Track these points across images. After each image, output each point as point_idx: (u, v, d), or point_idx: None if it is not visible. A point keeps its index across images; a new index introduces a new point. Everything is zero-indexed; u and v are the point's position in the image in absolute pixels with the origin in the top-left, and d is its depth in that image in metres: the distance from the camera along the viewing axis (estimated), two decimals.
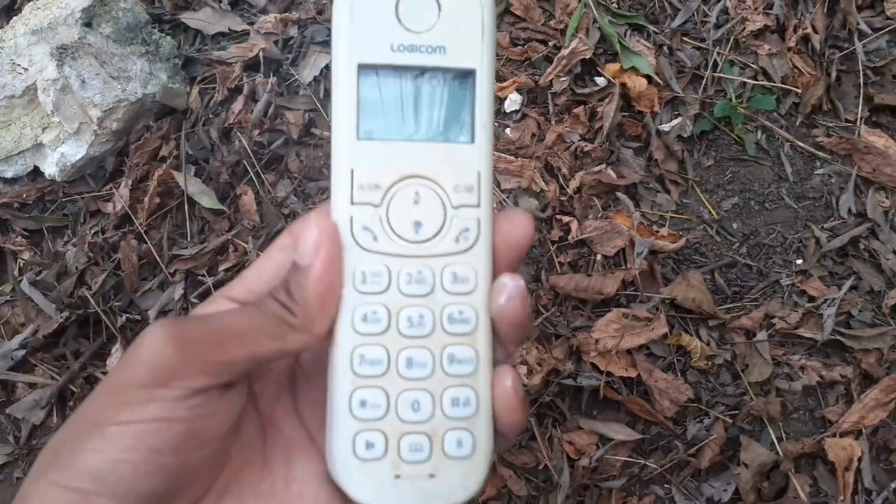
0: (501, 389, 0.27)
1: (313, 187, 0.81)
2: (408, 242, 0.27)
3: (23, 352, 0.77)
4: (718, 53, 0.84)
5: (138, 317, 0.77)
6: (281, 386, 0.30)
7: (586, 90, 0.83)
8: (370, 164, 0.26)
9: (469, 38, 0.26)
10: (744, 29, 0.84)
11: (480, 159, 0.27)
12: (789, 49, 0.83)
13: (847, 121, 0.82)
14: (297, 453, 0.28)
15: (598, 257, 0.76)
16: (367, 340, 0.26)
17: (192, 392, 0.25)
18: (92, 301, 0.77)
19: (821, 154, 0.81)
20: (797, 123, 0.82)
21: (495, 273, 0.27)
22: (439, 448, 0.26)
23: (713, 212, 0.79)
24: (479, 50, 0.26)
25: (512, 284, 0.27)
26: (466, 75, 0.27)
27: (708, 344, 0.73)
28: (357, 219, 0.26)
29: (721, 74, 0.83)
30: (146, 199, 0.79)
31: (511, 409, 0.27)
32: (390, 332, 0.26)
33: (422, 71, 0.27)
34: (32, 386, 0.76)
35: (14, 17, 0.86)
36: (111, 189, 0.82)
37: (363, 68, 0.26)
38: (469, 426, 0.26)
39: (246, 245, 0.78)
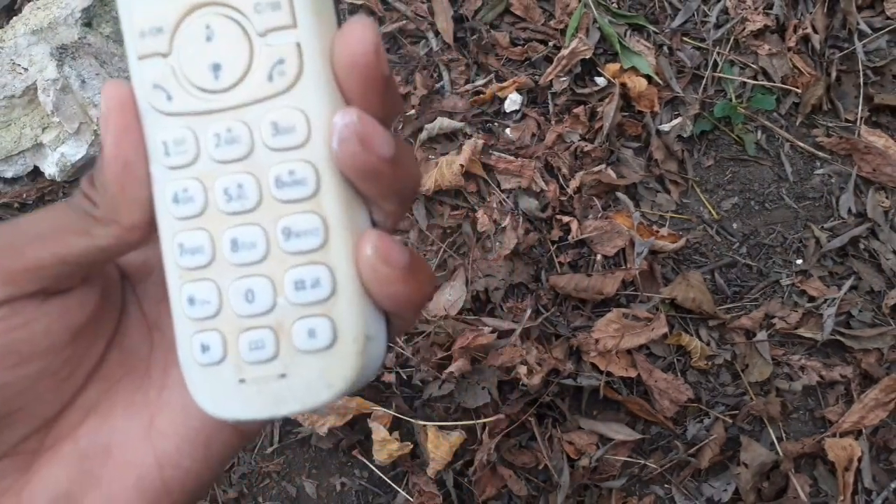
0: (363, 260, 0.21)
1: None
2: (209, 93, 0.21)
3: None
4: (718, 53, 0.84)
5: None
6: (164, 285, 0.24)
7: (586, 90, 0.83)
8: (149, 3, 0.21)
9: None
10: (744, 29, 0.84)
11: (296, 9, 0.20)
12: (789, 49, 0.83)
13: (847, 121, 0.82)
14: (175, 357, 0.23)
15: (598, 257, 0.76)
16: (184, 225, 0.21)
17: None
18: None
19: (821, 154, 0.81)
20: (797, 123, 0.82)
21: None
22: (287, 342, 0.21)
23: (713, 212, 0.79)
24: None
25: (341, 123, 0.20)
26: None
27: (708, 344, 0.73)
28: (146, 76, 0.21)
29: (721, 74, 0.83)
30: None
31: (381, 280, 0.21)
32: (208, 211, 0.21)
33: None
34: None
35: (14, 17, 0.86)
36: None
37: None
38: (325, 311, 0.21)
39: None
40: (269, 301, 0.21)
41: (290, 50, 0.20)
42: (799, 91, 0.82)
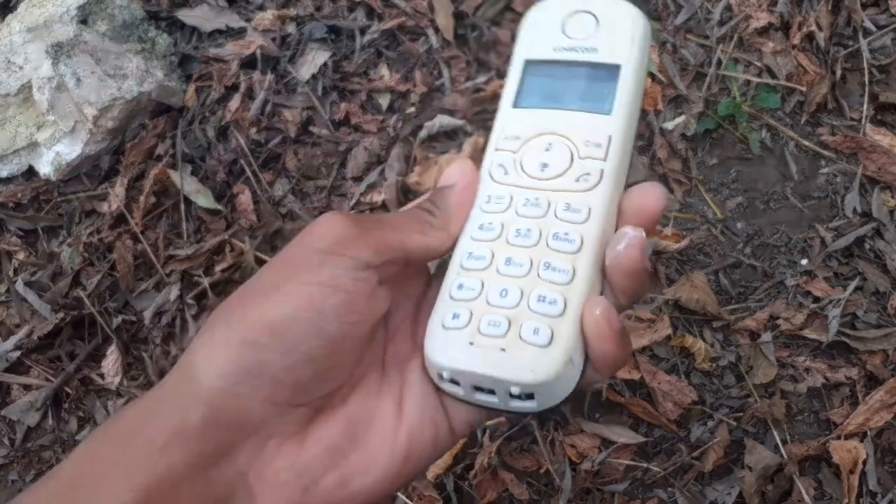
0: (590, 315, 0.28)
1: (311, 186, 0.81)
2: (532, 178, 0.32)
3: (17, 353, 0.76)
4: (722, 51, 0.83)
5: (133, 318, 0.76)
6: (408, 316, 0.33)
7: None
8: (516, 124, 0.33)
9: (619, 43, 0.32)
10: (748, 26, 0.83)
11: (614, 126, 0.32)
12: (794, 47, 0.83)
13: (852, 119, 0.81)
14: (409, 366, 0.31)
15: None
16: (478, 244, 0.31)
17: (359, 264, 0.28)
18: (87, 302, 0.76)
19: (826, 153, 0.80)
20: (802, 122, 0.81)
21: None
22: (516, 330, 0.28)
23: (717, 211, 0.78)
24: (627, 51, 0.32)
25: (633, 233, 0.29)
26: (613, 68, 0.32)
27: (712, 345, 0.73)
28: (495, 160, 0.32)
29: (725, 72, 0.82)
30: (142, 198, 0.78)
31: (599, 336, 0.28)
32: (500, 240, 0.31)
33: (575, 64, 0.33)
34: (27, 388, 0.76)
35: (9, 15, 0.85)
36: (106, 188, 0.81)
37: (529, 63, 0.34)
38: (551, 323, 0.28)
39: (242, 245, 0.77)
40: (515, 301, 0.29)
41: (596, 171, 0.31)
42: (804, 89, 0.81)
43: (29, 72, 0.79)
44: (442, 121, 0.80)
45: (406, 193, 0.79)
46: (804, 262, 0.76)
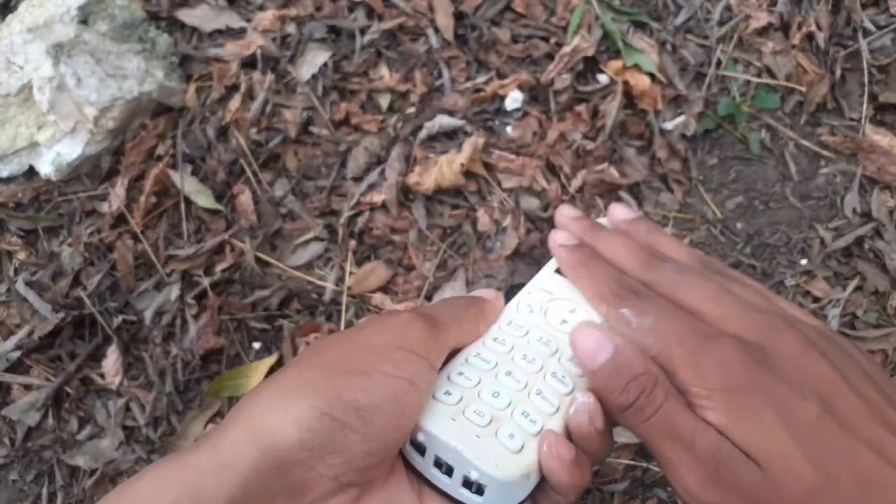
0: (540, 448, 0.31)
1: (311, 186, 0.81)
2: (550, 325, 0.36)
3: (18, 353, 0.76)
4: (722, 51, 0.83)
5: (134, 318, 0.76)
6: None
7: (588, 88, 0.82)
8: (554, 285, 0.38)
9: None
10: (747, 26, 0.83)
11: None
12: (793, 47, 0.83)
13: (852, 119, 0.81)
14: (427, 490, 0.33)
15: None
16: (488, 351, 0.34)
17: (433, 368, 0.30)
18: (87, 302, 0.76)
19: (825, 153, 0.80)
20: (801, 122, 0.81)
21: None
22: (495, 427, 0.31)
23: (717, 211, 0.78)
24: None
25: (581, 401, 0.32)
26: None
27: None
28: (526, 300, 0.37)
29: (725, 72, 0.82)
30: (142, 198, 0.79)
31: (551, 469, 0.31)
32: (508, 355, 0.34)
33: None
34: (28, 387, 0.76)
35: (10, 15, 0.85)
36: (107, 188, 0.81)
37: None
38: (524, 437, 0.31)
39: (243, 245, 0.77)
40: (503, 406, 0.32)
41: None
42: (803, 89, 0.81)
43: (29, 72, 0.79)
44: (442, 121, 0.80)
45: (406, 193, 0.79)
46: (804, 262, 0.76)
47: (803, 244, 0.77)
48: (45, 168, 0.81)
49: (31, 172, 0.83)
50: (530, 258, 0.75)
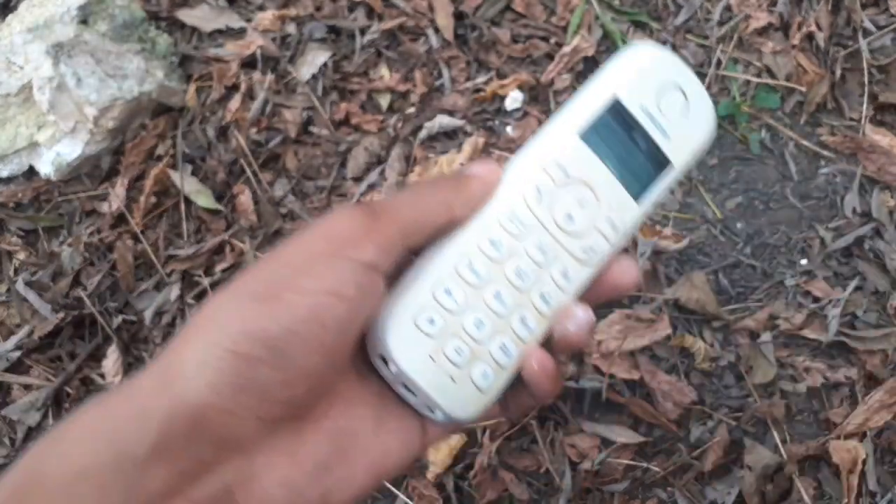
0: (531, 368, 0.31)
1: (311, 186, 0.81)
2: (556, 224, 0.32)
3: (18, 353, 0.76)
4: (722, 51, 0.83)
5: (134, 318, 0.76)
6: None
7: None
8: (573, 158, 0.32)
9: (686, 146, 0.33)
10: (747, 26, 0.83)
11: (635, 216, 0.33)
12: (794, 47, 0.83)
13: (852, 119, 0.81)
14: (389, 392, 0.31)
15: None
16: (482, 260, 0.30)
17: (364, 268, 0.26)
18: (87, 302, 0.76)
19: (825, 153, 0.80)
20: (801, 122, 0.81)
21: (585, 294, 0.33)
22: (469, 371, 0.30)
23: (717, 211, 0.78)
24: (685, 158, 0.33)
25: (583, 317, 0.31)
26: (666, 164, 0.33)
27: (711, 345, 0.73)
28: (537, 181, 0.32)
29: (725, 72, 0.82)
30: (142, 198, 0.79)
31: (538, 384, 0.31)
32: (501, 266, 0.30)
33: (646, 136, 0.33)
34: (28, 387, 0.76)
35: (10, 15, 0.85)
36: (107, 188, 0.81)
37: (617, 103, 0.32)
38: (498, 372, 0.30)
39: (243, 245, 0.77)
40: (485, 339, 0.30)
41: (601, 251, 0.32)
42: (803, 89, 0.81)
43: (29, 72, 0.79)
44: (442, 121, 0.80)
45: None
46: (804, 262, 0.76)
47: (803, 244, 0.77)
48: (45, 168, 0.81)
49: (31, 172, 0.83)
50: None
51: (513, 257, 0.31)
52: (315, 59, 0.85)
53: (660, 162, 0.33)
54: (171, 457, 0.23)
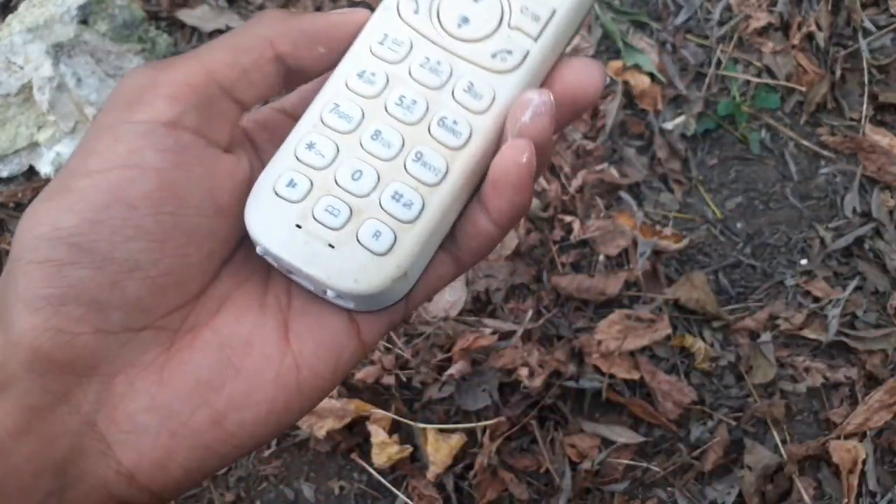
0: (511, 161, 0.23)
1: None
2: (445, 32, 0.25)
3: None
4: (722, 51, 0.83)
5: None
6: None
7: None
8: None
9: None
10: (747, 26, 0.83)
11: (562, 2, 0.25)
12: (793, 47, 0.83)
13: (852, 119, 0.81)
14: None
15: (601, 258, 0.75)
16: (350, 97, 0.24)
17: (158, 127, 0.21)
18: None
19: (825, 153, 0.80)
20: (801, 122, 0.81)
21: None
22: (355, 226, 0.24)
23: (717, 211, 0.78)
24: None
25: (539, 100, 0.23)
26: None
27: (711, 345, 0.73)
28: None
29: (725, 72, 0.82)
30: None
31: (509, 187, 0.24)
32: (377, 100, 0.25)
33: None
34: None
35: (10, 15, 0.85)
36: None
37: None
38: (397, 228, 0.24)
39: None
40: (367, 189, 0.24)
41: (520, 51, 0.25)
42: (803, 89, 0.81)
43: (29, 72, 0.79)
44: None
45: None
46: (804, 261, 0.76)
47: (803, 244, 0.77)
48: (45, 168, 0.81)
49: (32, 172, 0.83)
50: (530, 258, 0.75)
51: (391, 86, 0.25)
52: None
53: None
54: (14, 394, 0.20)
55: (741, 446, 0.70)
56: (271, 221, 0.24)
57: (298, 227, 0.24)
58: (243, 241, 0.25)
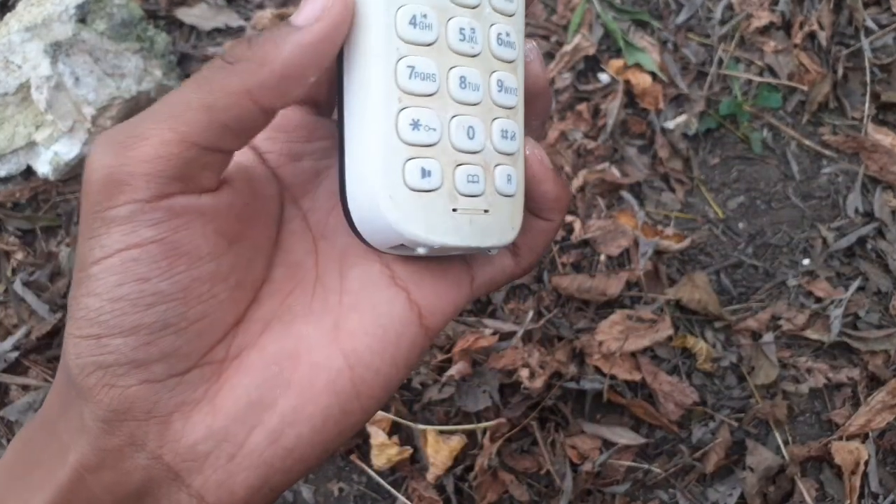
0: (531, 157, 0.25)
1: None
2: None
3: (16, 353, 0.76)
4: (723, 50, 0.83)
5: None
6: (334, 195, 0.26)
7: (589, 87, 0.81)
8: None
9: None
10: (749, 25, 0.83)
11: None
12: (795, 46, 0.82)
13: (854, 119, 0.80)
14: (350, 260, 0.25)
15: (602, 258, 0.74)
16: (415, 51, 0.22)
17: (144, 205, 0.21)
18: None
19: (827, 152, 0.79)
20: (803, 121, 0.81)
21: None
22: (491, 182, 0.23)
23: (718, 211, 0.78)
24: None
25: (528, 45, 0.25)
26: None
27: (713, 346, 0.72)
28: None
29: (726, 71, 0.82)
30: None
31: (540, 178, 0.25)
32: (440, 42, 0.22)
33: None
34: (26, 388, 0.75)
35: (8, 14, 0.84)
36: None
37: None
38: (513, 163, 0.24)
39: None
40: (483, 141, 0.23)
41: None
42: (805, 89, 0.81)
43: (27, 71, 0.79)
44: None
45: None
46: (806, 262, 0.76)
47: (805, 244, 0.76)
48: (43, 168, 0.80)
49: (29, 172, 0.82)
50: None
51: (442, 20, 0.22)
52: None
53: None
54: (88, 440, 0.23)
55: (743, 447, 0.69)
56: (428, 218, 0.22)
57: (455, 210, 0.23)
58: (275, 261, 0.25)
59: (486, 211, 0.23)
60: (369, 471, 0.68)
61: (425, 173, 0.22)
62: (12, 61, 0.80)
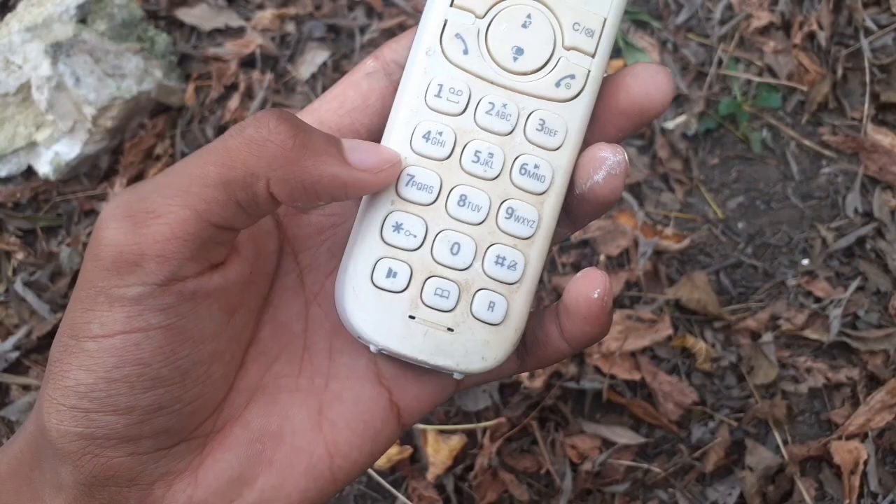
0: (585, 295, 0.23)
1: None
2: (501, 69, 0.23)
3: (16, 353, 0.76)
4: (723, 50, 0.83)
5: None
6: (334, 257, 0.25)
7: None
8: None
9: None
10: (749, 25, 0.83)
11: (612, 7, 0.23)
12: (795, 46, 0.82)
13: (853, 119, 0.80)
14: (339, 344, 0.25)
15: (602, 258, 0.74)
16: (423, 163, 0.23)
17: (155, 288, 0.20)
18: None
19: (827, 153, 0.80)
20: (803, 122, 0.81)
21: (592, 137, 0.24)
22: (466, 302, 0.23)
23: (718, 211, 0.78)
24: None
25: (614, 159, 0.23)
26: None
27: (713, 346, 0.72)
28: (452, 22, 0.23)
29: (726, 72, 0.82)
30: None
31: (587, 319, 0.24)
32: (451, 160, 0.23)
33: None
34: (26, 388, 0.75)
35: (8, 14, 0.85)
36: (106, 188, 0.81)
37: None
38: (507, 293, 0.23)
39: None
40: (469, 260, 0.23)
41: (581, 73, 0.23)
42: (805, 89, 0.81)
43: (28, 71, 0.79)
44: None
45: None
46: (805, 262, 0.76)
47: (805, 244, 0.76)
48: (44, 168, 0.80)
49: (30, 172, 0.82)
50: None
51: (460, 143, 0.23)
52: (314, 59, 0.84)
53: None
54: (68, 497, 0.22)
55: (742, 447, 0.69)
56: (381, 318, 0.23)
57: (412, 317, 0.23)
58: (263, 318, 0.25)
59: (449, 329, 0.23)
60: (369, 470, 0.68)
61: (391, 273, 0.23)
62: (13, 61, 0.80)
